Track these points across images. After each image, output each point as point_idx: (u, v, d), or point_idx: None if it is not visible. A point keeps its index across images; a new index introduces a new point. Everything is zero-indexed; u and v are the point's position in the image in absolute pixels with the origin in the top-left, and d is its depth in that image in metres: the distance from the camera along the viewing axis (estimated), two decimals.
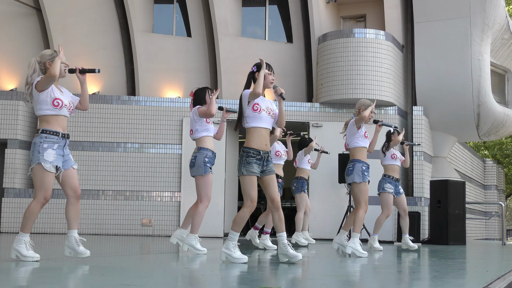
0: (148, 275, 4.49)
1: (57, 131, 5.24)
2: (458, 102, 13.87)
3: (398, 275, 4.94)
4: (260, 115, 5.53)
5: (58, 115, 5.28)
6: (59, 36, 13.86)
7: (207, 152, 6.71)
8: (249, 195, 5.43)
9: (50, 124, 5.24)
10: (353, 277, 4.76)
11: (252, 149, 5.49)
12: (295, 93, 13.88)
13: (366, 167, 7.12)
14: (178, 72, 14.08)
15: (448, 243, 11.44)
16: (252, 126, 5.56)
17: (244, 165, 5.46)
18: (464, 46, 13.59)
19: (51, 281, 3.83)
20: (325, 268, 5.59)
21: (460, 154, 18.79)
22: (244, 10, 14.53)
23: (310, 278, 4.50)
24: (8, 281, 3.96)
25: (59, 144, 5.27)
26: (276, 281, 4.13)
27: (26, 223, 5.23)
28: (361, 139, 7.25)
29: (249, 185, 5.45)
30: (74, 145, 12.77)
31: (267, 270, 5.19)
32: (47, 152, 5.18)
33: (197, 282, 3.96)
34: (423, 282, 4.35)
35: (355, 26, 14.58)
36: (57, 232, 12.45)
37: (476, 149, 27.81)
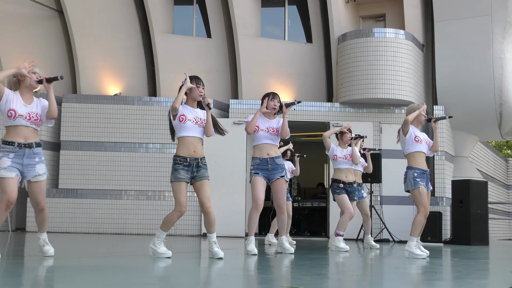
0: (170, 275, 4.51)
1: (12, 141, 5.30)
2: (479, 101, 13.72)
3: (420, 275, 4.91)
4: (185, 124, 5.86)
5: (16, 125, 5.35)
6: (81, 38, 13.99)
7: (254, 160, 6.91)
8: (178, 200, 5.83)
9: (8, 134, 5.35)
10: (375, 277, 4.74)
11: (180, 157, 5.85)
12: (315, 93, 13.85)
13: (419, 173, 6.93)
14: (198, 73, 13.94)
15: (471, 243, 11.33)
16: (180, 135, 5.92)
17: (172, 172, 5.85)
18: (485, 44, 13.45)
19: (75, 279, 3.86)
20: (346, 268, 5.57)
21: (482, 154, 18.61)
22: (264, 10, 14.53)
23: (331, 278, 4.49)
24: (28, 278, 4.00)
25: (16, 153, 5.31)
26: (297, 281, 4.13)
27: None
28: (412, 144, 7.02)
29: (177, 191, 5.84)
30: (97, 146, 12.88)
31: (287, 270, 5.19)
32: (1, 161, 5.24)
33: (218, 281, 3.97)
34: (446, 283, 4.32)
35: (374, 26, 14.51)
36: (81, 232, 12.56)
37: (499, 148, 27.56)
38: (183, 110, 5.91)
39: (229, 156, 12.62)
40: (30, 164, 5.36)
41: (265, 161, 6.78)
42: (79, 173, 12.80)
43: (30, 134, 5.40)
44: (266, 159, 6.78)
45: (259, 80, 13.78)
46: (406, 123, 6.98)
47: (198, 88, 5.99)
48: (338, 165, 8.62)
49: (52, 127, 13.08)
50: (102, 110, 13.03)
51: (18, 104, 5.37)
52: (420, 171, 6.96)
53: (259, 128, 6.82)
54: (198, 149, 5.97)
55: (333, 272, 5.09)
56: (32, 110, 5.45)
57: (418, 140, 7.02)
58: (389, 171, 12.23)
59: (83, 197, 12.76)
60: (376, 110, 13.10)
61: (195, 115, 5.94)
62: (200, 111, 6.03)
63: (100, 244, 8.63)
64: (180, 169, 5.82)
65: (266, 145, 6.84)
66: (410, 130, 7.03)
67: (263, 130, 6.82)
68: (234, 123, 12.84)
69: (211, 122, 6.02)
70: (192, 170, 5.90)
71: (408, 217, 12.22)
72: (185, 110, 5.93)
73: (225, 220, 12.46)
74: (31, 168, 5.37)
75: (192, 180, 5.93)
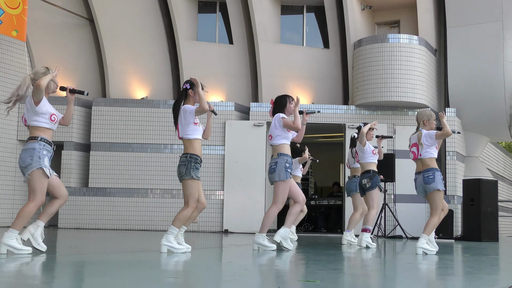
0: (193, 269, 4.53)
1: (51, 143, 5.41)
2: (490, 104, 13.61)
3: (432, 270, 4.87)
4: (199, 128, 5.92)
5: (50, 128, 5.45)
6: (110, 45, 14.09)
7: (287, 157, 6.66)
8: (196, 198, 5.81)
9: (46, 134, 5.40)
10: (388, 272, 4.72)
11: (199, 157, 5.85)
12: (331, 96, 13.82)
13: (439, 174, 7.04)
14: (221, 77, 14.16)
15: (481, 240, 11.24)
16: (195, 137, 5.90)
17: (193, 170, 5.78)
18: (496, 49, 13.32)
19: (104, 274, 3.89)
20: (361, 263, 5.55)
21: (492, 154, 18.43)
22: (283, 17, 14.53)
23: (347, 273, 4.48)
24: (61, 272, 4.04)
25: (51, 154, 5.43)
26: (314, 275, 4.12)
27: (21, 222, 5.21)
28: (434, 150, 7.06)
29: (197, 189, 5.81)
30: (124, 147, 12.97)
31: (305, 265, 5.18)
32: (46, 159, 5.31)
33: (239, 275, 3.97)
34: (457, 278, 4.29)
35: (389, 32, 14.43)
36: (109, 228, 12.65)
37: (509, 148, 27.26)
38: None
39: (249, 157, 12.63)
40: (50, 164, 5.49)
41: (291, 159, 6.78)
42: (108, 172, 12.90)
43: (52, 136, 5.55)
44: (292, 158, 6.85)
45: (279, 84, 13.77)
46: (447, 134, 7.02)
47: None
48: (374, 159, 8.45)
49: (82, 130, 13.19)
50: (130, 113, 13.11)
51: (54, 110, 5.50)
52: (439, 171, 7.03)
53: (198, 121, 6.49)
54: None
55: (348, 267, 5.07)
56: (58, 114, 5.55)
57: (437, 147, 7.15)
58: (402, 170, 12.16)
59: (111, 196, 12.85)
60: (390, 112, 13.03)
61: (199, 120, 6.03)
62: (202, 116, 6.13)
63: (127, 240, 8.69)
64: (199, 167, 5.85)
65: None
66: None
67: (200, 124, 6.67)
68: (254, 125, 12.85)
69: (210, 127, 6.14)
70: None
71: (421, 214, 12.15)
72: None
73: (245, 217, 12.48)
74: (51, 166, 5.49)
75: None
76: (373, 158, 8.45)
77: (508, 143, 26.97)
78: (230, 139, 12.86)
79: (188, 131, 5.87)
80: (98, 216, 12.76)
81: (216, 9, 14.73)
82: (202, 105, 5.72)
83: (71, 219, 12.72)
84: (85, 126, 13.29)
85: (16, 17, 11.89)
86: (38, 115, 5.38)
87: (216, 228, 12.65)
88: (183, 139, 5.92)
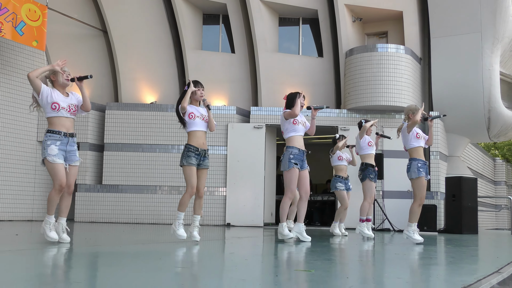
0: (198, 260, 4.53)
1: (59, 131, 5.37)
2: (470, 108, 13.62)
3: (418, 260, 4.88)
4: (195, 121, 6.10)
5: (59, 116, 5.40)
6: (122, 53, 14.10)
7: (293, 149, 6.63)
8: (190, 182, 6.00)
9: (52, 125, 5.39)
10: (377, 262, 4.72)
11: (193, 146, 6.04)
12: (325, 100, 13.82)
13: (422, 164, 7.04)
14: (224, 83, 14.17)
15: (462, 232, 11.25)
16: (191, 130, 6.13)
17: (185, 157, 6.00)
18: (476, 58, 13.34)
19: (118, 263, 3.90)
20: (352, 254, 5.56)
21: (472, 154, 18.43)
22: (281, 29, 14.54)
23: (339, 263, 4.48)
24: (77, 262, 4.05)
25: (62, 141, 5.37)
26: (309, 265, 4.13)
27: (49, 207, 5.37)
28: (414, 140, 7.14)
29: (189, 174, 5.99)
30: (135, 147, 12.97)
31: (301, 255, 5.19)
32: (50, 148, 5.29)
33: (240, 265, 3.98)
34: (440, 267, 4.29)
35: (378, 42, 14.44)
36: (121, 222, 12.64)
37: (487, 149, 27.25)
38: (191, 109, 6.14)
39: (250, 156, 12.64)
40: (72, 151, 5.47)
41: (302, 152, 6.65)
42: (120, 171, 12.90)
43: (70, 124, 5.49)
44: (303, 151, 6.67)
45: (277, 90, 13.78)
46: (414, 123, 7.08)
47: (199, 90, 6.23)
48: (371, 150, 8.46)
49: (97, 132, 13.20)
50: (140, 117, 13.12)
51: (60, 98, 5.42)
52: (422, 162, 7.08)
53: (298, 121, 6.67)
54: (205, 141, 6.20)
55: (340, 257, 5.08)
56: (72, 102, 5.51)
57: (419, 136, 7.17)
58: (390, 169, 12.18)
59: (123, 192, 12.86)
60: (379, 115, 13.04)
61: (201, 113, 6.20)
62: (203, 109, 6.28)
63: (138, 232, 8.69)
64: (193, 156, 6.01)
65: (301, 138, 6.72)
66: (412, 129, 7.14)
67: (301, 123, 6.71)
68: (254, 127, 12.85)
69: (212, 119, 6.25)
70: (200, 158, 6.10)
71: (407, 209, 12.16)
72: (193, 109, 6.17)
73: (246, 212, 12.49)
74: (72, 154, 5.47)
75: (198, 166, 6.12)
76: (369, 150, 8.48)
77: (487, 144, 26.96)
78: (232, 140, 12.86)
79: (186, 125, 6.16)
80: (111, 210, 12.77)
81: (219, 21, 14.74)
82: (182, 103, 6.03)
83: (86, 214, 12.73)
84: (99, 128, 13.29)
85: (36, 28, 11.91)
86: (44, 106, 5.40)
87: (219, 222, 12.66)
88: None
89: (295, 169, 6.57)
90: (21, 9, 11.63)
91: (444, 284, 3.18)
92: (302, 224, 6.74)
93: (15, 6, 11.51)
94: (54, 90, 5.45)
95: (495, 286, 3.32)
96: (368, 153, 8.48)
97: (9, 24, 11.39)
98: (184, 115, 6.09)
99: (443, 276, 3.60)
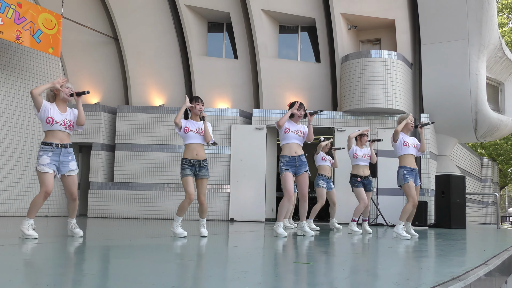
0: (203, 253, 4.53)
1: (50, 142, 5.39)
2: (458, 110, 13.61)
3: (409, 253, 4.87)
4: (189, 134, 6.10)
5: (52, 130, 5.42)
6: (132, 59, 14.10)
7: (283, 158, 6.71)
8: (187, 191, 6.00)
9: (46, 137, 5.43)
10: (371, 254, 4.71)
11: (185, 159, 6.11)
12: (322, 103, 13.81)
13: (408, 171, 7.01)
14: (227, 87, 14.16)
15: (451, 227, 11.24)
16: (186, 143, 6.17)
17: (181, 171, 6.12)
18: (463, 63, 13.32)
19: (128, 255, 3.89)
20: (348, 247, 5.55)
21: (460, 153, 18.41)
22: (280, 36, 14.54)
23: (336, 255, 4.47)
24: (90, 254, 4.05)
25: (54, 152, 5.38)
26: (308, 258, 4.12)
27: (31, 211, 5.35)
28: (401, 148, 7.13)
29: (186, 184, 6.04)
30: (144, 147, 12.98)
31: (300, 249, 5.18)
32: (41, 158, 5.32)
33: (242, 258, 3.97)
34: (430, 259, 4.28)
35: (371, 48, 14.43)
36: (131, 217, 12.64)
37: (474, 148, 27.21)
38: (187, 124, 6.15)
39: (252, 155, 12.64)
40: (65, 161, 5.45)
41: (293, 158, 6.62)
42: (130, 169, 12.91)
43: (64, 137, 5.48)
44: (294, 157, 6.63)
45: (277, 93, 13.77)
46: (396, 132, 7.12)
47: (198, 105, 6.22)
48: (357, 162, 8.39)
49: (108, 133, 13.20)
50: (149, 119, 13.12)
51: (55, 113, 5.45)
52: (409, 169, 7.05)
53: (289, 129, 6.68)
54: (200, 152, 6.15)
55: (337, 250, 5.07)
56: (67, 118, 5.52)
57: (406, 144, 7.13)
58: (383, 167, 12.16)
59: (133, 189, 12.86)
60: (373, 117, 13.03)
61: (197, 127, 6.17)
62: (201, 123, 6.24)
63: (146, 227, 8.69)
64: (186, 168, 6.07)
65: (295, 145, 6.68)
66: (400, 137, 7.15)
67: (293, 131, 6.69)
68: (256, 129, 12.85)
69: (208, 131, 6.18)
70: (195, 169, 6.11)
71: (399, 205, 12.15)
72: (189, 123, 6.17)
73: (248, 208, 12.48)
74: (65, 164, 5.45)
75: (195, 177, 6.15)
76: (355, 161, 8.44)
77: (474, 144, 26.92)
78: (235, 140, 12.86)
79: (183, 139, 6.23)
80: (122, 207, 12.77)
81: (223, 29, 14.74)
82: (175, 119, 6.10)
83: (98, 209, 12.73)
84: (111, 129, 13.30)
85: (52, 36, 11.91)
86: (41, 120, 5.47)
87: (223, 217, 12.65)
88: None
89: (288, 173, 6.63)
90: (38, 18, 11.65)
91: (434, 275, 3.17)
92: (304, 222, 6.83)
93: (33, 15, 11.53)
94: (53, 105, 5.47)
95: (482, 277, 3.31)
96: (355, 164, 8.51)
97: (27, 32, 11.40)
98: (179, 130, 6.14)
99: (433, 268, 3.59)
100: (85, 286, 2.46)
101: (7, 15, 11.00)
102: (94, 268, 3.25)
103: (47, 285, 2.41)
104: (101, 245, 4.92)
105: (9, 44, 11.88)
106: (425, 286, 2.66)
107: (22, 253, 4.02)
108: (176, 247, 4.80)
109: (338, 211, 12.42)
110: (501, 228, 12.47)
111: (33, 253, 4.01)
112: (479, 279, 3.20)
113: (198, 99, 6.25)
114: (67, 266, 3.29)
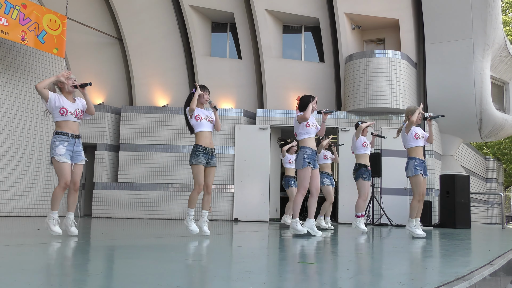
0: (207, 252, 4.53)
1: (66, 132, 5.44)
2: (463, 110, 13.58)
3: (414, 253, 4.86)
4: (202, 122, 6.10)
5: (66, 120, 5.46)
6: (136, 60, 14.12)
7: (307, 149, 6.59)
8: (198, 180, 6.00)
9: (60, 127, 5.47)
10: (376, 254, 4.70)
11: (201, 146, 6.04)
12: (326, 103, 13.81)
13: (419, 163, 6.98)
14: (231, 88, 14.17)
15: (456, 226, 11.21)
16: (198, 131, 6.13)
17: (194, 157, 6.00)
18: (468, 62, 13.29)
19: (133, 256, 3.90)
20: (353, 247, 5.54)
21: (465, 153, 18.36)
22: (284, 36, 14.53)
23: (340, 255, 4.47)
24: (95, 255, 4.05)
25: (69, 142, 5.44)
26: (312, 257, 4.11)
27: (54, 203, 5.45)
28: (413, 140, 7.10)
29: (197, 173, 6.00)
30: (148, 147, 12.99)
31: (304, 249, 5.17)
32: (58, 148, 5.36)
33: (247, 258, 3.97)
34: (435, 259, 4.27)
35: (375, 48, 14.41)
36: (136, 217, 12.65)
37: (479, 148, 27.14)
38: (197, 111, 6.16)
39: (256, 155, 12.64)
40: (78, 151, 5.55)
41: (314, 152, 6.60)
42: (135, 169, 12.93)
43: (76, 127, 5.57)
44: (315, 150, 6.63)
45: (281, 93, 13.77)
46: (411, 123, 7.05)
47: (206, 94, 6.26)
48: (365, 151, 8.37)
49: (113, 133, 13.22)
50: (153, 119, 13.14)
51: (67, 104, 5.51)
52: (420, 160, 7.03)
53: (310, 124, 6.62)
54: (211, 140, 6.19)
55: (341, 250, 5.06)
56: (78, 108, 5.60)
57: (418, 137, 7.12)
58: (388, 167, 12.14)
59: (137, 189, 12.88)
60: (377, 117, 13.01)
61: (207, 114, 6.22)
62: (208, 111, 6.30)
63: (151, 227, 8.70)
64: (201, 155, 6.02)
65: (314, 139, 6.69)
66: (411, 129, 7.09)
67: (313, 126, 6.67)
68: (260, 129, 12.85)
69: (219, 121, 6.25)
70: (208, 157, 6.10)
71: (403, 205, 12.13)
72: (199, 111, 6.19)
73: (252, 208, 12.48)
74: (78, 154, 5.55)
75: (206, 165, 6.11)
76: (363, 150, 8.41)
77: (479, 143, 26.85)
78: (239, 140, 12.86)
79: (193, 127, 6.15)
80: (126, 207, 12.79)
81: (227, 29, 14.75)
82: (191, 105, 6.06)
83: (103, 210, 12.75)
84: (115, 129, 13.32)
85: (56, 37, 11.94)
86: (52, 111, 5.49)
87: (227, 217, 12.66)
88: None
89: (309, 168, 6.53)
90: (43, 19, 11.68)
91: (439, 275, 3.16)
92: (312, 220, 6.68)
93: (37, 16, 11.56)
94: (61, 96, 5.54)
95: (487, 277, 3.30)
96: (362, 153, 8.43)
97: (31, 33, 11.43)
98: (191, 117, 6.11)
99: (438, 268, 3.58)
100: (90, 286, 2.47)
101: (12, 16, 11.04)
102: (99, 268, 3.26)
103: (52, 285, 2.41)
104: (106, 245, 4.93)
105: (13, 45, 11.92)
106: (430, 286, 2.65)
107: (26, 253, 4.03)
108: (180, 247, 4.80)
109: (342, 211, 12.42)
110: (506, 228, 12.43)
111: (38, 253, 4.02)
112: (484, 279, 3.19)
113: (205, 88, 6.30)
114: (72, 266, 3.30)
